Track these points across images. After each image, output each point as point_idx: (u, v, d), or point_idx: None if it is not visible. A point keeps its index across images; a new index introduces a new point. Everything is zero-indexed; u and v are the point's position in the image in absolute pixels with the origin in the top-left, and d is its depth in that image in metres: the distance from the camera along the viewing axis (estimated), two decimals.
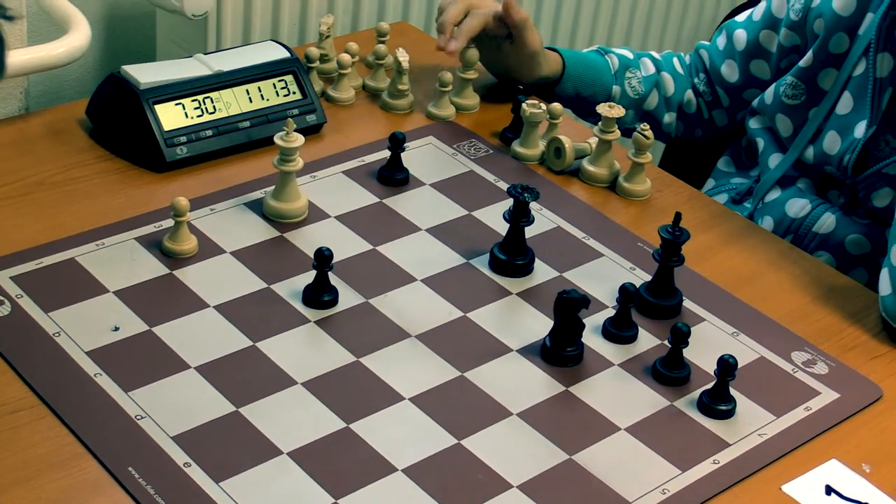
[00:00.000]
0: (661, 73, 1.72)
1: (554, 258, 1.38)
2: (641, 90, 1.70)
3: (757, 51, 1.66)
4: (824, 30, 1.56)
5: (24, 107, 1.55)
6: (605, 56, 1.70)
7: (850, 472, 1.16)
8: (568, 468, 1.12)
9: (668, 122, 1.74)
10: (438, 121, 1.59)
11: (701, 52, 1.75)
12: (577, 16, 2.25)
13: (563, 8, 2.22)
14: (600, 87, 1.66)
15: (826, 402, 1.23)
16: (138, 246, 1.31)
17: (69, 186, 1.39)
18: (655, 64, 1.72)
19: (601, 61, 1.69)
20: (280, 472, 1.07)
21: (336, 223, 1.39)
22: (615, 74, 1.68)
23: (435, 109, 1.60)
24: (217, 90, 1.48)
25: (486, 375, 1.21)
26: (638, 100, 1.69)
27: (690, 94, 1.74)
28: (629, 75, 1.69)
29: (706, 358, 1.24)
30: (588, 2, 2.25)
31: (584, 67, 1.67)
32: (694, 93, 1.75)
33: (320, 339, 1.23)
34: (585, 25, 2.28)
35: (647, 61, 1.72)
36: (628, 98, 1.69)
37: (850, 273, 1.49)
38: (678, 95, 1.73)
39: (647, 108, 1.71)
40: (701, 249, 1.39)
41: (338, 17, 1.87)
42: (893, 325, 1.32)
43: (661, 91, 1.72)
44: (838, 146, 1.54)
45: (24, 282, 1.23)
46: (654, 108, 1.71)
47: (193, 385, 1.15)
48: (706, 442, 1.17)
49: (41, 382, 1.12)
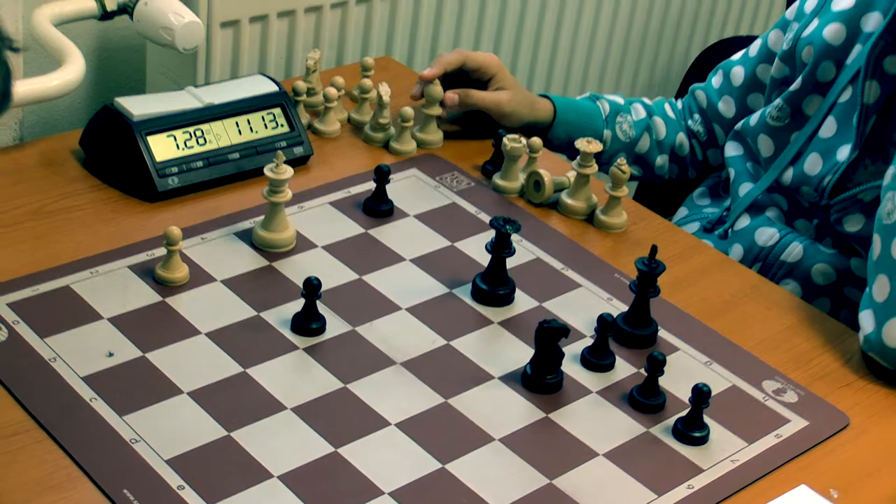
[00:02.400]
0: (652, 117, 1.74)
1: (534, 288, 1.39)
2: (632, 134, 1.71)
3: (754, 85, 1.68)
4: (813, 57, 1.58)
5: (19, 137, 1.55)
6: (597, 102, 1.71)
7: (819, 498, 1.17)
8: (548, 492, 1.13)
9: (661, 164, 1.75)
10: (399, 155, 1.59)
11: (696, 94, 1.76)
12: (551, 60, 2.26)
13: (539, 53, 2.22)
14: (591, 133, 1.66)
15: (796, 430, 1.24)
16: (131, 274, 1.31)
17: (63, 215, 1.39)
18: (646, 109, 1.75)
19: (592, 107, 1.70)
20: (270, 495, 1.07)
21: (323, 253, 1.40)
22: (606, 119, 1.70)
23: (396, 144, 1.59)
24: (208, 122, 1.49)
25: (469, 402, 1.22)
26: (629, 143, 1.71)
27: (683, 137, 1.76)
28: (620, 120, 1.71)
29: (681, 386, 1.25)
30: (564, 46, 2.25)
31: (576, 114, 1.68)
32: (687, 135, 1.76)
33: (309, 365, 1.23)
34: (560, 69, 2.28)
35: (638, 106, 1.74)
36: (619, 142, 1.70)
37: (814, 302, 1.50)
38: (670, 139, 1.75)
39: (638, 152, 1.72)
40: (676, 281, 1.41)
41: (324, 51, 1.88)
42: (879, 361, 1.33)
43: (653, 135, 1.73)
44: (819, 168, 1.55)
45: (21, 308, 1.23)
46: (645, 152, 1.73)
47: (186, 410, 1.15)
48: (681, 467, 1.18)
49: (38, 407, 1.12)
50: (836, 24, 1.57)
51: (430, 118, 1.61)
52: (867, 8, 1.55)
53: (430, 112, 1.60)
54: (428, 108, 1.60)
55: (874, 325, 1.32)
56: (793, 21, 1.63)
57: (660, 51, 2.46)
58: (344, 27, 1.91)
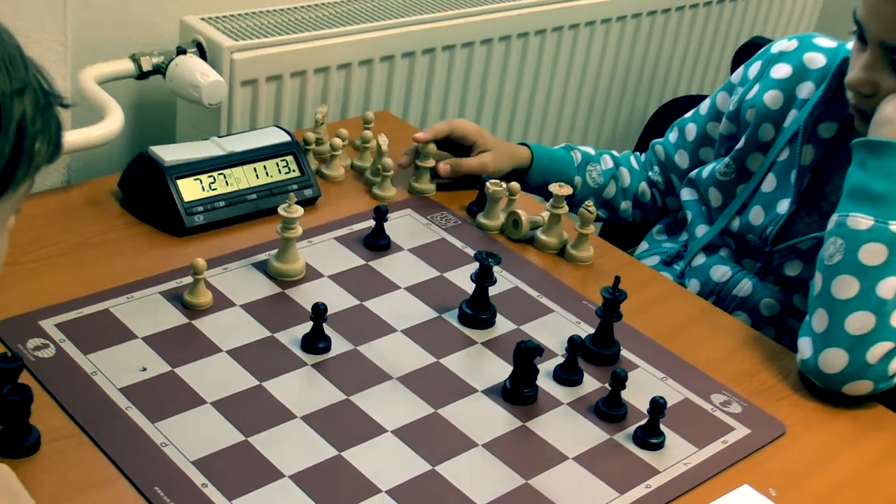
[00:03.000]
0: (618, 167, 1.75)
1: (512, 313, 1.39)
2: (600, 181, 1.72)
3: (704, 139, 1.69)
4: (755, 119, 1.59)
5: (67, 179, 1.56)
6: (571, 152, 1.72)
7: (760, 496, 1.17)
8: (525, 491, 1.13)
9: (625, 208, 1.76)
10: (381, 200, 1.58)
11: (656, 148, 1.77)
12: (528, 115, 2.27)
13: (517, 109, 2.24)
14: (564, 178, 1.67)
15: (739, 437, 1.25)
16: (162, 299, 1.31)
17: (104, 248, 1.39)
18: (614, 160, 1.75)
19: (566, 156, 1.71)
20: (282, 492, 1.08)
21: (329, 282, 1.40)
22: (578, 167, 1.70)
23: (378, 191, 1.59)
24: (229, 168, 1.49)
25: (456, 412, 1.22)
26: (597, 189, 1.72)
27: (645, 186, 1.76)
28: (590, 168, 1.71)
29: (640, 398, 1.26)
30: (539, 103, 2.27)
31: (551, 161, 1.69)
32: (649, 184, 1.77)
33: (316, 379, 1.23)
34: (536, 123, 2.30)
35: (606, 157, 1.75)
36: (589, 187, 1.71)
37: (761, 330, 1.50)
38: (633, 187, 1.76)
39: (605, 197, 1.73)
40: (636, 307, 1.41)
41: (330, 106, 1.89)
42: (815, 382, 1.33)
43: (619, 183, 1.74)
44: (762, 219, 1.56)
45: (66, 328, 1.24)
46: (612, 197, 1.74)
47: (209, 417, 1.15)
48: (640, 469, 1.18)
49: (80, 414, 1.12)
50: (774, 90, 1.58)
51: (424, 170, 1.61)
52: (801, 78, 1.57)
53: (424, 165, 1.60)
54: (423, 161, 1.60)
55: (812, 352, 1.33)
56: (738, 85, 1.65)
57: (622, 108, 2.47)
58: (348, 86, 1.92)
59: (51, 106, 0.84)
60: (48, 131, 0.84)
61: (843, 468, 1.24)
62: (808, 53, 1.58)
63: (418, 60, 2.00)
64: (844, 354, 1.30)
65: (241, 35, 1.78)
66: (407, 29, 1.95)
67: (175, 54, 1.71)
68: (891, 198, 1.32)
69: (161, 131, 1.85)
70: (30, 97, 0.81)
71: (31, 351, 1.20)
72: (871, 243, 1.31)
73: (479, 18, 2.05)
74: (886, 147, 1.33)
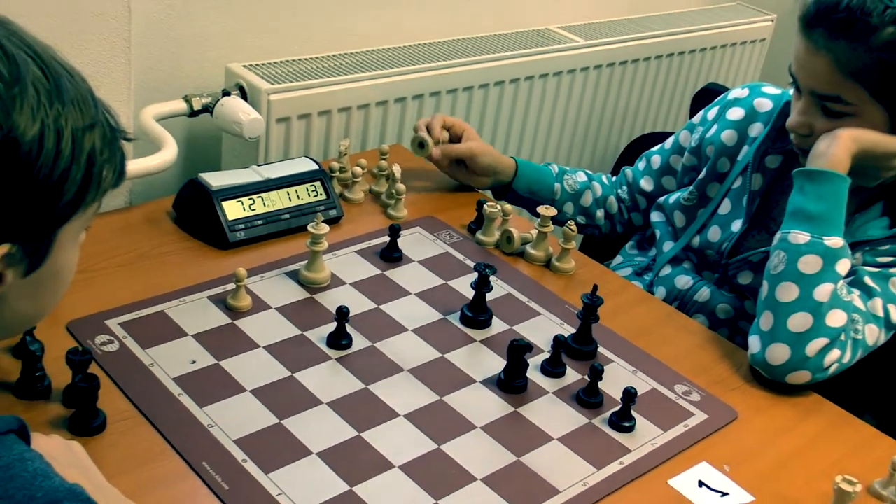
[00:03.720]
0: (591, 181, 1.74)
1: (506, 315, 1.39)
2: (577, 188, 1.71)
3: (668, 170, 1.70)
4: (714, 154, 1.59)
5: (129, 201, 1.56)
6: (549, 166, 1.72)
7: (715, 471, 1.18)
8: (516, 466, 1.14)
9: (599, 216, 1.75)
10: (394, 219, 1.57)
11: (626, 172, 1.76)
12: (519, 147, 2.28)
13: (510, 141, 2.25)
14: (546, 185, 1.68)
15: (698, 421, 1.25)
16: (209, 302, 1.31)
17: (160, 259, 1.40)
18: (587, 176, 1.75)
19: (546, 168, 1.71)
20: (311, 467, 1.08)
21: (350, 288, 1.40)
22: (556, 176, 1.70)
23: (392, 211, 1.58)
24: (266, 192, 1.49)
25: (457, 399, 1.22)
26: (574, 195, 1.71)
27: (613, 200, 1.75)
28: (567, 178, 1.71)
29: (614, 388, 1.26)
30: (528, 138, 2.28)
31: (532, 171, 1.69)
32: (616, 199, 1.76)
33: (339, 371, 1.23)
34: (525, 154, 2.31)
35: (581, 173, 1.75)
36: (567, 193, 1.70)
37: (717, 330, 1.51)
38: (604, 198, 1.75)
39: (583, 204, 1.72)
40: (611, 311, 1.41)
41: (352, 140, 1.89)
42: (763, 373, 1.33)
43: (594, 193, 1.73)
44: (719, 237, 1.56)
45: (128, 327, 1.24)
46: (589, 205, 1.73)
47: (249, 403, 1.16)
48: (614, 449, 1.18)
49: (140, 399, 1.13)
50: (730, 130, 1.59)
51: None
52: (752, 119, 1.58)
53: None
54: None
55: (760, 347, 1.33)
56: (698, 125, 1.65)
57: (598, 143, 2.48)
58: (367, 122, 1.93)
59: (116, 139, 0.84)
60: (114, 161, 0.84)
61: (785, 447, 1.25)
62: (757, 99, 1.59)
63: (426, 102, 2.01)
64: (787, 349, 1.30)
65: (276, 80, 1.78)
66: (416, 76, 1.96)
67: (221, 96, 1.72)
68: (825, 217, 1.33)
69: (209, 160, 1.85)
70: (99, 132, 0.81)
71: (98, 346, 1.20)
72: (809, 255, 1.31)
73: (476, 67, 2.06)
74: (821, 175, 1.33)
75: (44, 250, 0.81)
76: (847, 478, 1.11)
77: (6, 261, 0.78)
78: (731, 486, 1.16)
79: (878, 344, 1.38)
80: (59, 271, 0.84)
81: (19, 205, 0.76)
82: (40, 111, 0.75)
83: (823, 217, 1.33)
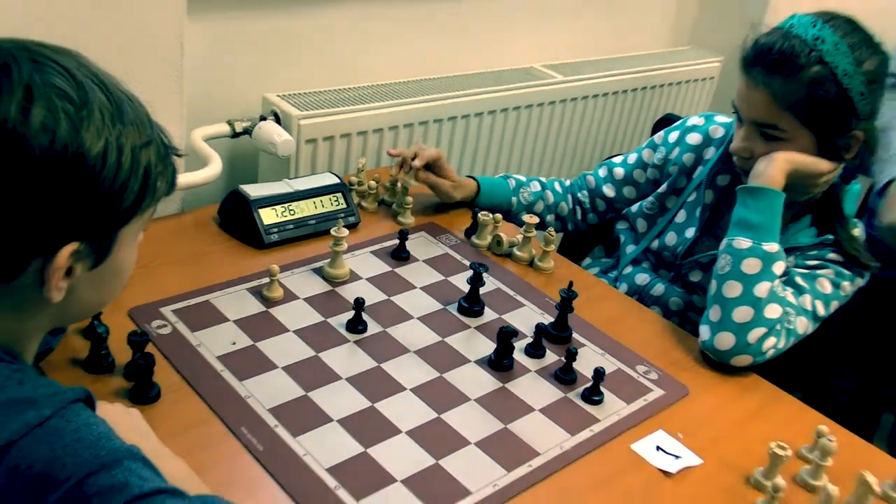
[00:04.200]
0: (545, 190, 1.70)
1: (496, 306, 1.39)
2: (530, 199, 1.68)
3: (629, 181, 1.67)
4: (675, 173, 1.58)
5: (181, 208, 1.56)
6: (507, 180, 1.68)
7: (670, 438, 1.18)
8: (503, 432, 1.13)
9: (550, 220, 1.71)
10: (403, 225, 1.55)
11: (588, 178, 1.72)
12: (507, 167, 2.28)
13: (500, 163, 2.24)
14: (504, 200, 1.65)
15: (656, 396, 1.25)
16: (247, 293, 1.31)
17: (207, 257, 1.39)
18: (541, 185, 1.71)
19: (504, 183, 1.67)
20: (332, 432, 1.08)
21: (366, 282, 1.40)
22: (513, 191, 1.67)
23: (401, 218, 1.56)
24: (296, 201, 1.49)
25: (455, 376, 1.22)
26: (528, 205, 1.68)
27: (564, 205, 1.70)
28: (522, 191, 1.68)
29: (586, 368, 1.26)
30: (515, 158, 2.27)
31: (493, 187, 1.66)
32: (573, 202, 1.71)
33: (356, 352, 1.23)
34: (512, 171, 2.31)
35: (535, 183, 1.70)
36: (521, 205, 1.67)
37: (669, 319, 1.50)
38: (555, 204, 1.70)
39: (535, 211, 1.68)
40: (583, 303, 1.40)
41: (368, 158, 1.89)
42: (711, 357, 1.33)
43: (545, 201, 1.69)
44: (675, 241, 1.56)
45: (179, 313, 1.24)
46: (540, 212, 1.69)
47: (280, 378, 1.15)
48: (586, 419, 1.18)
49: (188, 374, 1.13)
50: (689, 153, 1.58)
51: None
52: (707, 144, 1.57)
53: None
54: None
55: (709, 335, 1.33)
56: (660, 145, 1.63)
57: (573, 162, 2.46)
58: (381, 144, 1.92)
59: (169, 155, 0.85)
60: (167, 173, 0.84)
61: (728, 418, 1.24)
62: (712, 126, 1.58)
63: (430, 127, 2.00)
64: (732, 337, 1.30)
65: (305, 107, 1.78)
66: (421, 105, 1.95)
67: (258, 120, 1.72)
68: (763, 226, 1.33)
69: (248, 175, 1.85)
70: (154, 148, 0.81)
71: (154, 329, 1.20)
72: (750, 258, 1.31)
73: (472, 98, 2.05)
74: (760, 191, 1.33)
75: (107, 248, 0.81)
76: (780, 444, 1.11)
77: (75, 256, 0.78)
78: (684, 451, 1.16)
79: (807, 333, 1.38)
80: (119, 266, 0.84)
81: (85, 209, 0.76)
82: (104, 131, 0.75)
83: (762, 226, 1.33)
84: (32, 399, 0.74)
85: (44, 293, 0.78)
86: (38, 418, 0.73)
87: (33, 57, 0.75)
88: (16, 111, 0.72)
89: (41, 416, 0.73)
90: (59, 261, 0.77)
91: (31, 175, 0.72)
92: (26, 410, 0.73)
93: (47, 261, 0.77)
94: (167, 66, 1.43)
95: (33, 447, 0.72)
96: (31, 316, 0.82)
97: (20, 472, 0.71)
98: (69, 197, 0.74)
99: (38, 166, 0.72)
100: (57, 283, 0.78)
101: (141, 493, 0.73)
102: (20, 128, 0.71)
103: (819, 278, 1.38)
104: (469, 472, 1.06)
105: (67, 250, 0.77)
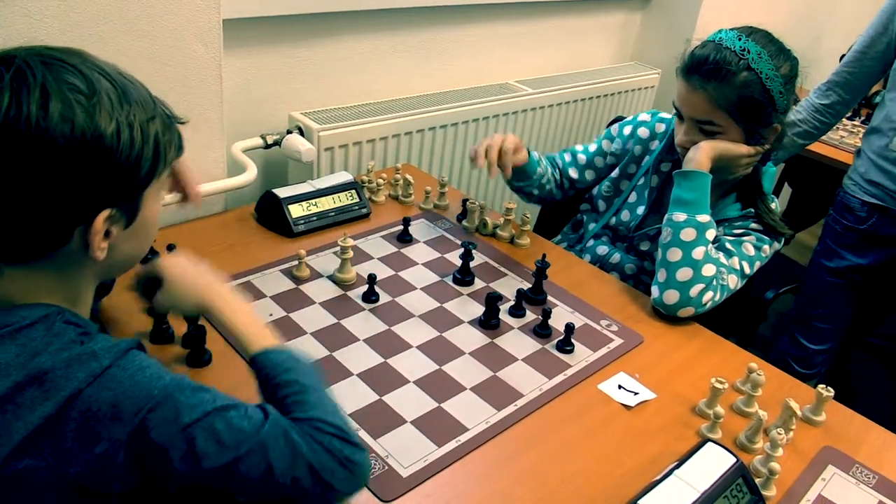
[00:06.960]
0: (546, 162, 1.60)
1: (484, 277, 1.37)
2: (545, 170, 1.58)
3: (590, 166, 1.62)
4: (627, 159, 1.55)
5: (225, 207, 1.53)
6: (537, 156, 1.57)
7: (629, 378, 1.16)
8: (493, 379, 1.11)
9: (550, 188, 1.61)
10: (406, 214, 1.52)
11: (556, 161, 1.64)
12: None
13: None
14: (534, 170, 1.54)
15: (617, 344, 1.23)
16: (281, 274, 1.29)
17: (246, 246, 1.37)
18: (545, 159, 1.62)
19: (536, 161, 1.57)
20: (352, 385, 1.06)
21: (377, 262, 1.37)
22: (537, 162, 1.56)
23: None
24: (318, 198, 1.47)
25: (452, 335, 1.20)
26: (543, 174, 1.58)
27: (552, 173, 1.62)
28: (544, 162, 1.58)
29: (559, 324, 1.24)
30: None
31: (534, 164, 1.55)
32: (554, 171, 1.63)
33: (371, 318, 1.21)
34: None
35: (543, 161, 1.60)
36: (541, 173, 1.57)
37: (626, 282, 1.48)
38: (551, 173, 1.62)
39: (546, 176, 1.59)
40: (555, 272, 1.38)
41: (377, 161, 1.87)
42: (661, 310, 1.30)
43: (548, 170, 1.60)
44: (628, 218, 1.53)
45: None
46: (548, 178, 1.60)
47: (309, 341, 1.13)
48: (560, 365, 1.16)
49: (234, 342, 1.07)
50: (639, 145, 1.55)
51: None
52: (653, 137, 1.54)
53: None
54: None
55: (659, 293, 1.30)
56: (616, 137, 1.59)
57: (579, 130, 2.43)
58: (386, 149, 1.89)
59: (172, 124, 0.81)
60: (173, 139, 0.81)
61: (676, 360, 1.22)
62: (657, 123, 1.55)
63: (425, 135, 1.97)
64: (677, 293, 1.28)
65: (324, 122, 1.74)
66: (418, 116, 1.92)
67: (286, 134, 1.68)
68: (695, 202, 1.30)
69: (278, 178, 1.83)
70: (159, 121, 0.78)
71: None
72: (687, 228, 1.29)
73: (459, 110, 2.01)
74: (690, 174, 1.31)
75: (135, 209, 0.78)
76: (719, 379, 1.09)
77: (110, 220, 0.76)
78: (640, 388, 1.14)
79: (737, 289, 1.35)
80: (148, 221, 0.81)
81: (110, 180, 0.74)
82: (115, 112, 0.73)
83: (695, 202, 1.30)
84: (93, 352, 0.73)
85: (89, 254, 0.76)
86: (100, 368, 0.72)
87: (44, 60, 0.72)
88: (36, 109, 0.69)
89: (101, 365, 0.72)
90: (97, 226, 0.75)
91: (59, 160, 0.70)
92: (89, 362, 0.72)
93: (87, 227, 0.75)
94: (210, 94, 1.40)
95: (98, 393, 0.71)
96: (82, 275, 0.80)
97: (92, 413, 0.70)
98: (94, 173, 0.72)
99: (64, 152, 0.70)
100: (99, 244, 0.76)
101: (191, 420, 0.73)
102: (43, 122, 0.69)
103: (744, 243, 1.36)
104: (466, 413, 1.04)
105: (102, 216, 0.75)
